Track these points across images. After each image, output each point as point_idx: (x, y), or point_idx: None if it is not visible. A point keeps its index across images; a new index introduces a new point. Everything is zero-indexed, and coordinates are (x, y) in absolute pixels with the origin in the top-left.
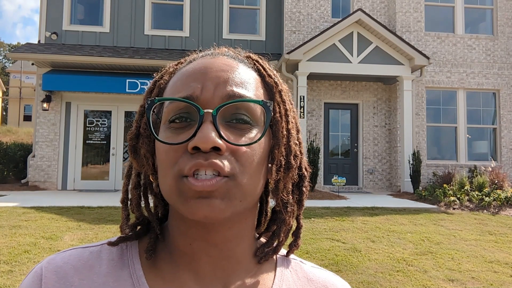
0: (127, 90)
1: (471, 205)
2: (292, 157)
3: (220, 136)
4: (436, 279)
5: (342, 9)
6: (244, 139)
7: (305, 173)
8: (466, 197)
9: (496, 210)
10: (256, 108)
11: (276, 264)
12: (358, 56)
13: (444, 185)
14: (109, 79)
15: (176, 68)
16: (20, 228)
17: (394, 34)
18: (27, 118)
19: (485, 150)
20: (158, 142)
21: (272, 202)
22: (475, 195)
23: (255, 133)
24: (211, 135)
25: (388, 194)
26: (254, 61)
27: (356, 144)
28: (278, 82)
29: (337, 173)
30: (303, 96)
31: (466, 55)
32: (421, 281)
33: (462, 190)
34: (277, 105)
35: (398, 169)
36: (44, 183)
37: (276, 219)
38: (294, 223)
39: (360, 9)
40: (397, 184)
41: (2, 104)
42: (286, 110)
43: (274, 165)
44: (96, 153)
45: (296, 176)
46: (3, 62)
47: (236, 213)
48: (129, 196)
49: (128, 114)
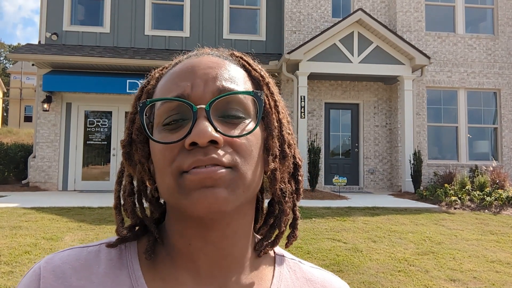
0: (128, 91)
1: (473, 205)
2: (287, 146)
3: (216, 130)
4: (438, 279)
5: (343, 9)
6: (239, 131)
7: (299, 162)
8: (467, 197)
9: (498, 210)
10: (247, 101)
11: (275, 264)
12: (359, 56)
13: (445, 185)
14: (110, 80)
15: (162, 73)
16: (21, 229)
17: (395, 34)
18: (28, 119)
19: (486, 150)
20: (154, 145)
21: (266, 202)
22: (476, 195)
23: (249, 125)
24: (208, 129)
25: (389, 194)
26: (239, 58)
27: (357, 144)
28: (264, 75)
29: (338, 173)
30: (304, 96)
31: (467, 55)
32: (423, 281)
33: (463, 190)
34: (266, 97)
35: (399, 169)
36: (45, 184)
37: (274, 212)
38: (291, 215)
39: (361, 9)
40: (398, 184)
41: (3, 105)
42: (276, 101)
43: (270, 155)
44: (97, 154)
45: (291, 166)
46: (4, 63)
47: (238, 206)
48: (122, 202)
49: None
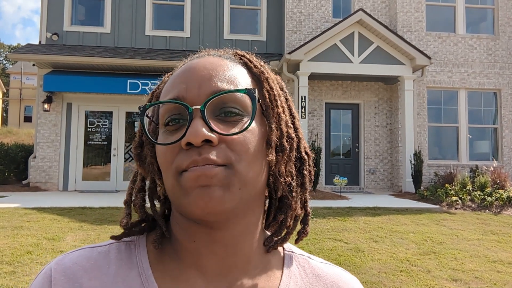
0: (128, 91)
1: (473, 205)
2: (285, 139)
3: (211, 129)
4: (440, 279)
5: (343, 9)
6: (235, 129)
7: (305, 157)
8: (468, 197)
9: (498, 210)
10: (244, 99)
11: (284, 261)
12: (359, 56)
13: (446, 185)
14: (110, 80)
15: (170, 77)
16: (22, 229)
17: (395, 34)
18: (28, 119)
19: (487, 150)
20: (157, 146)
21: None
22: (477, 195)
23: (246, 122)
24: (201, 129)
25: (390, 194)
26: (240, 56)
27: (358, 144)
28: (265, 71)
29: (339, 173)
30: (304, 96)
31: (467, 55)
32: (425, 281)
33: (464, 190)
34: (266, 92)
35: (400, 169)
36: (45, 184)
37: (283, 207)
38: (302, 211)
39: (361, 9)
40: (399, 184)
41: (3, 105)
42: (275, 96)
43: (271, 149)
44: (97, 154)
45: (297, 160)
46: (3, 63)
47: (240, 206)
48: (133, 198)
49: (129, 115)
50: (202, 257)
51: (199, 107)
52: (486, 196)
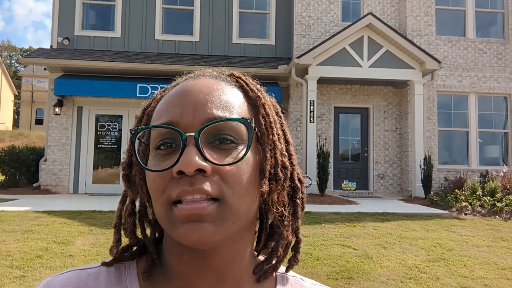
0: (138, 95)
1: (483, 211)
2: (280, 169)
3: (204, 158)
4: (449, 287)
5: (352, 13)
6: (230, 159)
7: (298, 185)
8: (478, 203)
9: (509, 216)
10: (239, 127)
11: (276, 283)
12: (369, 60)
13: (456, 190)
14: (120, 84)
15: (163, 95)
16: (33, 233)
17: (405, 38)
18: (39, 122)
19: (497, 155)
20: (148, 172)
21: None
22: (487, 201)
23: (241, 152)
24: (194, 158)
25: (399, 199)
26: (237, 78)
27: (367, 149)
28: (261, 96)
29: (347, 178)
30: (313, 101)
31: (477, 59)
32: None
33: (474, 196)
34: (262, 118)
35: (409, 174)
36: (56, 187)
37: (274, 234)
38: (293, 238)
39: (371, 13)
40: (408, 189)
41: (14, 108)
42: (271, 123)
43: (265, 179)
44: (107, 157)
45: (289, 188)
46: (15, 66)
47: (230, 235)
48: (123, 221)
49: None
50: (193, 283)
51: (193, 135)
52: (496, 202)
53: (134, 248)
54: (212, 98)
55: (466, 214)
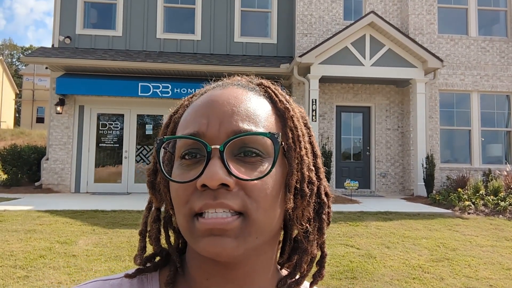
0: (140, 94)
1: (487, 210)
2: (306, 184)
3: (229, 172)
4: (454, 287)
5: (354, 12)
6: (255, 173)
7: (325, 199)
8: (481, 202)
9: None
10: (265, 140)
11: None
12: (371, 59)
13: (459, 189)
14: (122, 83)
15: (191, 101)
16: (35, 232)
17: (407, 37)
18: (40, 120)
19: (500, 153)
20: (171, 181)
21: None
22: (490, 200)
23: (266, 165)
24: (218, 172)
25: (401, 198)
26: (266, 88)
27: (369, 147)
28: (290, 108)
29: (349, 177)
30: (315, 100)
31: (480, 58)
32: None
33: (477, 195)
34: (290, 131)
35: (411, 173)
36: (58, 186)
37: (298, 249)
38: (318, 252)
39: (373, 12)
40: (410, 188)
41: (15, 106)
42: (299, 136)
43: (290, 194)
44: (109, 156)
45: (315, 203)
46: (16, 65)
47: (253, 249)
48: (148, 228)
49: (141, 117)
50: None
51: (219, 147)
52: (500, 201)
53: (157, 259)
54: (239, 110)
55: (469, 214)
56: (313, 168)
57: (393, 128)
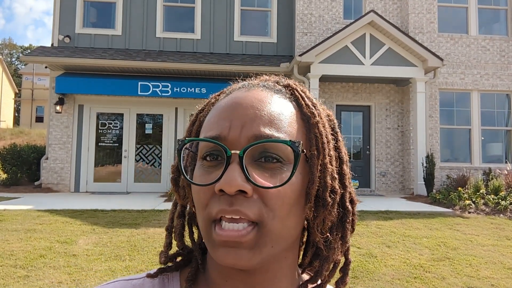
0: (139, 93)
1: (487, 209)
2: (328, 194)
3: (247, 179)
4: (455, 287)
5: (354, 11)
6: (274, 180)
7: (349, 207)
8: (482, 201)
9: None
10: (286, 147)
11: None
12: (371, 58)
13: (459, 189)
14: (121, 82)
15: (217, 99)
16: (35, 232)
17: (407, 36)
18: (39, 120)
19: (500, 152)
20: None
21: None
22: (491, 199)
23: (286, 172)
24: (236, 178)
25: (401, 197)
26: (293, 90)
27: (368, 147)
28: (316, 113)
29: None
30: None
31: (480, 56)
32: None
33: (478, 194)
34: (314, 138)
35: (411, 172)
36: (57, 185)
37: (319, 255)
38: (342, 259)
39: (373, 11)
40: (410, 187)
41: (15, 106)
42: (323, 144)
43: (310, 203)
44: (108, 156)
45: (338, 211)
46: (16, 64)
47: (270, 257)
48: (174, 224)
49: (140, 117)
50: None
51: (238, 153)
52: (500, 200)
53: (179, 259)
54: (262, 114)
55: (470, 213)
56: (337, 176)
57: (393, 127)
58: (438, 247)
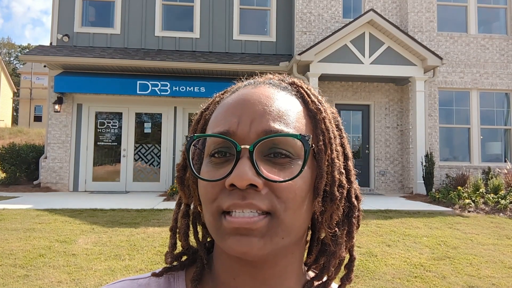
0: (138, 92)
1: (487, 208)
2: (336, 188)
3: (257, 173)
4: (456, 286)
5: (353, 10)
6: (284, 174)
7: (355, 203)
8: (481, 200)
9: None
10: (296, 142)
11: None
12: (370, 57)
13: (459, 188)
14: (120, 81)
15: (222, 98)
16: (35, 231)
17: (406, 35)
18: (38, 119)
19: (499, 151)
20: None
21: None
22: (491, 198)
23: (296, 167)
24: (247, 173)
25: (401, 196)
26: (298, 87)
27: (368, 146)
28: (322, 109)
29: None
30: None
31: (480, 55)
32: None
33: (477, 193)
34: (321, 133)
35: (411, 171)
36: (56, 185)
37: (325, 251)
38: (347, 256)
39: (372, 10)
40: (409, 186)
41: (13, 105)
42: (330, 139)
43: (319, 197)
44: (107, 155)
45: (345, 206)
46: (14, 63)
47: (279, 249)
48: (178, 224)
49: (139, 116)
50: None
51: (248, 148)
52: (500, 199)
53: (184, 258)
54: (270, 109)
55: (470, 212)
56: (344, 171)
57: (393, 126)
58: (438, 246)
